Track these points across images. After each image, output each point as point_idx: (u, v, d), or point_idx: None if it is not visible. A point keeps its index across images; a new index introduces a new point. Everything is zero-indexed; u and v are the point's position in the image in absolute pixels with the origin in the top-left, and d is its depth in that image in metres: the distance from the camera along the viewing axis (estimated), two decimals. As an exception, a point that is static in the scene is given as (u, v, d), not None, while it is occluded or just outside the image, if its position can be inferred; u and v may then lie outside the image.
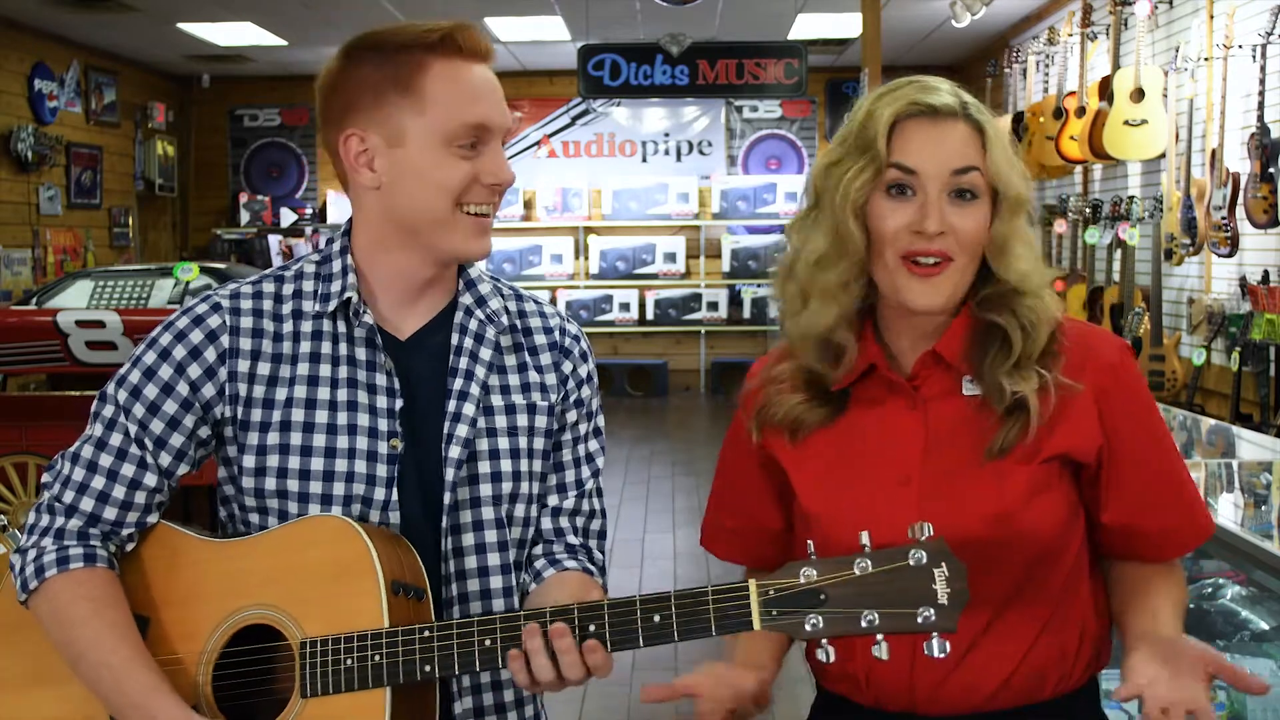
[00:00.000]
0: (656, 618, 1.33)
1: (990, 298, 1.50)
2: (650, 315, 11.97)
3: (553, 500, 1.64)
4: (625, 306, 11.86)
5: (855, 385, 1.53)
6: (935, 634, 1.26)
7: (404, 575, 1.44)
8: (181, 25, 9.46)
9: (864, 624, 1.26)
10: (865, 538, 1.30)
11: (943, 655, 1.26)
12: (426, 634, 1.38)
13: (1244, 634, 2.83)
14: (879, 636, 1.27)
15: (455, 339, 1.58)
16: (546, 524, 1.64)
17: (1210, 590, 2.93)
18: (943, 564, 1.25)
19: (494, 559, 1.56)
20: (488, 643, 1.36)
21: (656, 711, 4.18)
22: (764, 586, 1.30)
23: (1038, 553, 1.47)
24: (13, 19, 9.02)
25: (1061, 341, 1.49)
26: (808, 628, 1.27)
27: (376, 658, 1.38)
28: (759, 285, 11.80)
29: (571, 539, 1.65)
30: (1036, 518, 1.46)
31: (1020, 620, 1.48)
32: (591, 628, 1.34)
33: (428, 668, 1.37)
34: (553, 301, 11.55)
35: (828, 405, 1.53)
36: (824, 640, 1.28)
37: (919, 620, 1.25)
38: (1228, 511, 2.75)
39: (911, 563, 1.26)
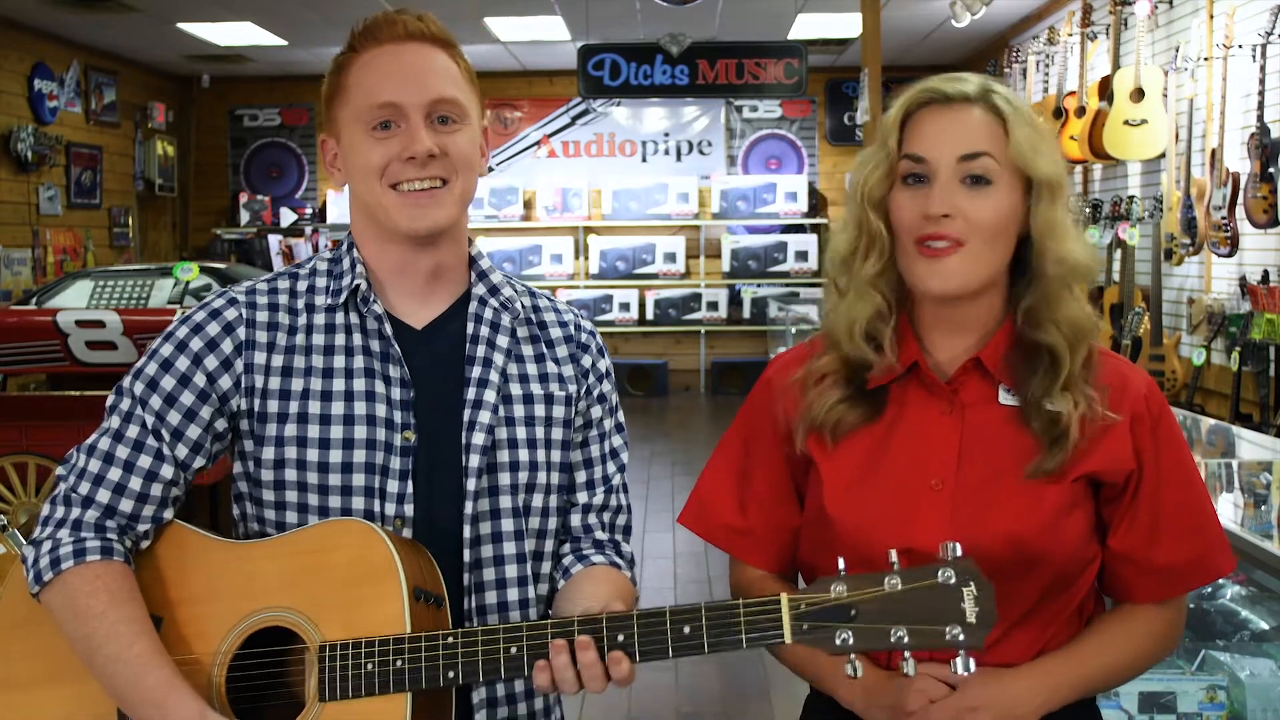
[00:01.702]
0: (686, 628, 1.32)
1: (1033, 310, 1.49)
2: (650, 315, 11.97)
3: (582, 497, 1.65)
4: (625, 306, 11.86)
5: (894, 385, 1.53)
6: (962, 651, 1.27)
7: (425, 582, 1.44)
8: (181, 25, 9.46)
9: (893, 640, 1.27)
10: (894, 555, 1.30)
11: (967, 673, 1.27)
12: (450, 640, 1.37)
13: (1244, 634, 2.83)
14: (906, 653, 1.28)
15: (471, 327, 1.59)
16: (575, 521, 1.64)
17: (1210, 590, 2.94)
18: (971, 583, 1.27)
19: (510, 548, 1.56)
20: (513, 650, 1.36)
21: (657, 711, 4.18)
22: (795, 600, 1.30)
23: (1061, 568, 1.47)
24: (13, 19, 9.02)
25: (1102, 376, 1.49)
26: (838, 642, 1.28)
27: (399, 663, 1.37)
28: (759, 285, 11.80)
29: (599, 535, 1.65)
30: (1066, 533, 1.46)
31: (1033, 632, 1.49)
32: (620, 638, 1.34)
33: (451, 674, 1.36)
34: (553, 301, 11.55)
35: (867, 404, 1.52)
36: (852, 656, 1.29)
37: (947, 638, 1.26)
38: (1228, 511, 2.75)
39: (940, 580, 1.27)
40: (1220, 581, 2.93)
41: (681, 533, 6.38)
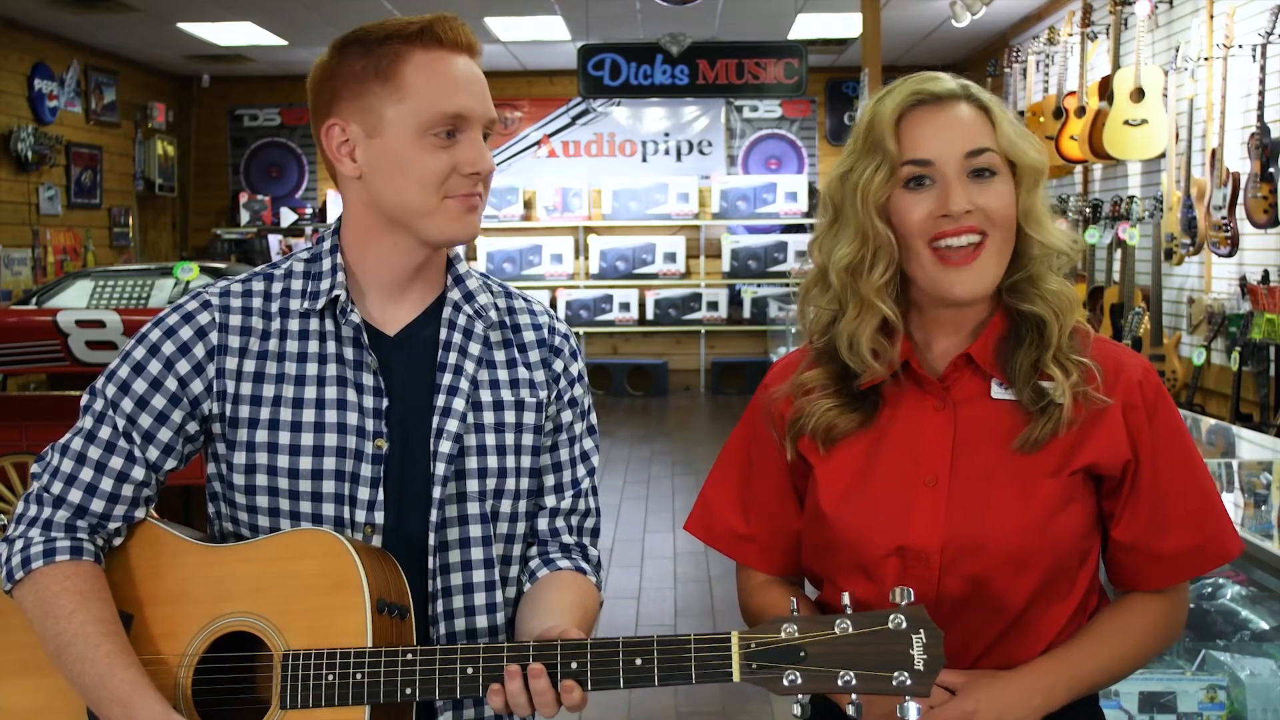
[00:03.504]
0: (638, 660, 1.34)
1: (1018, 285, 1.50)
2: (650, 315, 11.97)
3: (550, 501, 1.65)
4: (625, 306, 11.86)
5: (886, 385, 1.52)
6: (908, 698, 1.28)
7: (389, 594, 1.45)
8: (181, 25, 9.46)
9: (840, 683, 1.28)
10: (847, 598, 1.32)
11: (916, 719, 1.28)
12: (410, 657, 1.38)
13: (1244, 634, 2.83)
14: (854, 696, 1.29)
15: (444, 334, 1.58)
16: (543, 524, 1.65)
17: (1210, 590, 2.94)
18: (921, 630, 1.28)
19: (478, 553, 1.57)
20: (469, 671, 1.37)
21: (656, 711, 4.18)
22: (746, 639, 1.32)
23: (1058, 562, 1.47)
24: (13, 19, 9.02)
25: (1093, 356, 1.49)
26: (785, 683, 1.30)
27: (358, 676, 1.38)
28: (759, 285, 11.81)
29: (567, 538, 1.66)
30: (1062, 527, 1.46)
31: (1036, 628, 1.49)
32: (573, 665, 1.35)
33: (409, 690, 1.38)
34: (553, 302, 11.57)
35: (860, 409, 1.52)
36: (800, 696, 1.30)
37: (894, 683, 1.27)
38: (1227, 512, 2.74)
39: (891, 627, 1.29)
40: (1220, 581, 2.93)
41: (681, 533, 6.37)
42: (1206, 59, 5.90)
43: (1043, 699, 1.44)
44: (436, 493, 1.53)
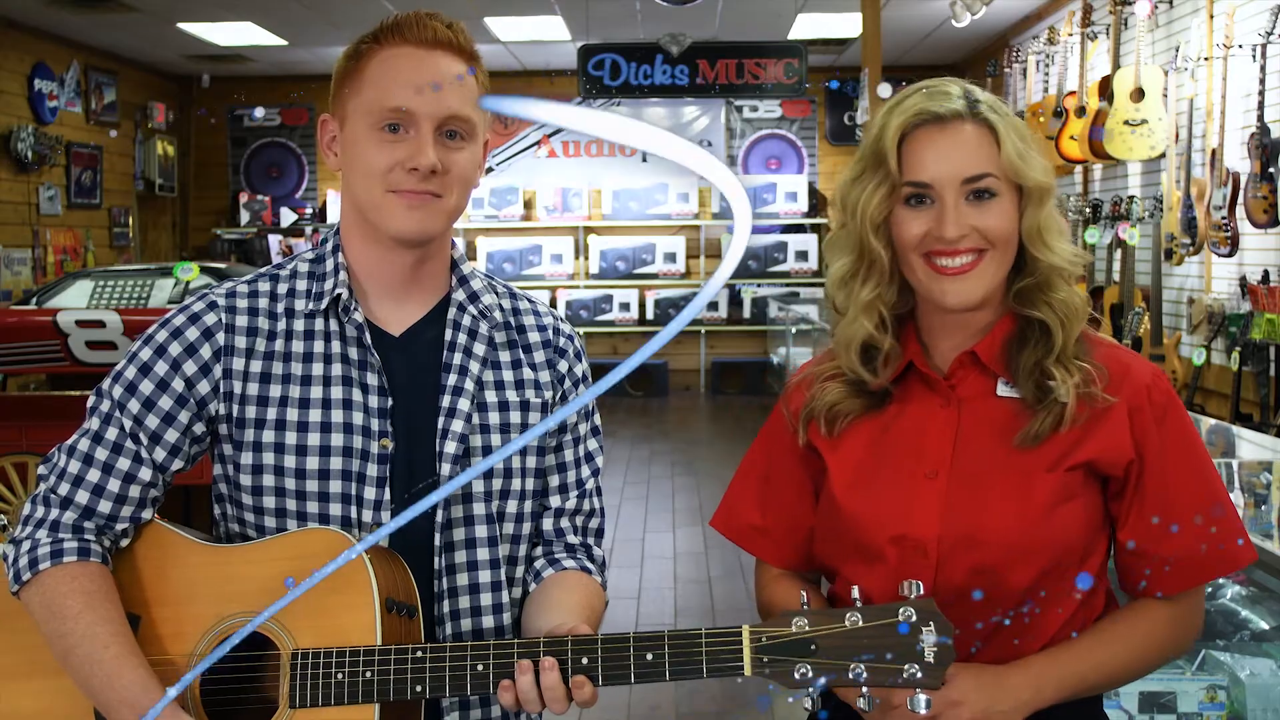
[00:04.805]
0: (649, 655, 1.34)
1: (1026, 290, 1.52)
2: (650, 315, 11.96)
3: (554, 501, 1.66)
4: (625, 306, 11.86)
5: (895, 383, 1.56)
6: (919, 690, 1.29)
7: (398, 593, 1.45)
8: (181, 25, 9.46)
9: (851, 675, 1.30)
10: (857, 592, 1.33)
11: (926, 711, 1.30)
12: (419, 654, 1.38)
13: (1244, 634, 2.83)
14: (864, 689, 1.31)
15: (448, 334, 1.59)
16: (548, 524, 1.65)
17: (1210, 590, 2.94)
18: (931, 623, 1.30)
19: (484, 554, 1.57)
20: (480, 668, 1.37)
21: (656, 712, 4.18)
22: (757, 633, 1.33)
23: (1057, 558, 1.47)
24: (13, 19, 9.01)
25: (1099, 359, 1.51)
26: (796, 675, 1.31)
27: (368, 674, 1.38)
28: (759, 285, 11.81)
29: (571, 539, 1.66)
30: (1059, 523, 1.47)
31: (1031, 625, 1.49)
32: (584, 661, 1.36)
33: (419, 688, 1.38)
34: (553, 302, 11.56)
35: (868, 398, 1.56)
36: (811, 689, 1.32)
37: (904, 676, 1.29)
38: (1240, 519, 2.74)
39: (901, 619, 1.30)
40: (1220, 581, 2.93)
41: (681, 533, 6.40)
42: (1206, 59, 5.90)
43: (1031, 695, 1.44)
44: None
